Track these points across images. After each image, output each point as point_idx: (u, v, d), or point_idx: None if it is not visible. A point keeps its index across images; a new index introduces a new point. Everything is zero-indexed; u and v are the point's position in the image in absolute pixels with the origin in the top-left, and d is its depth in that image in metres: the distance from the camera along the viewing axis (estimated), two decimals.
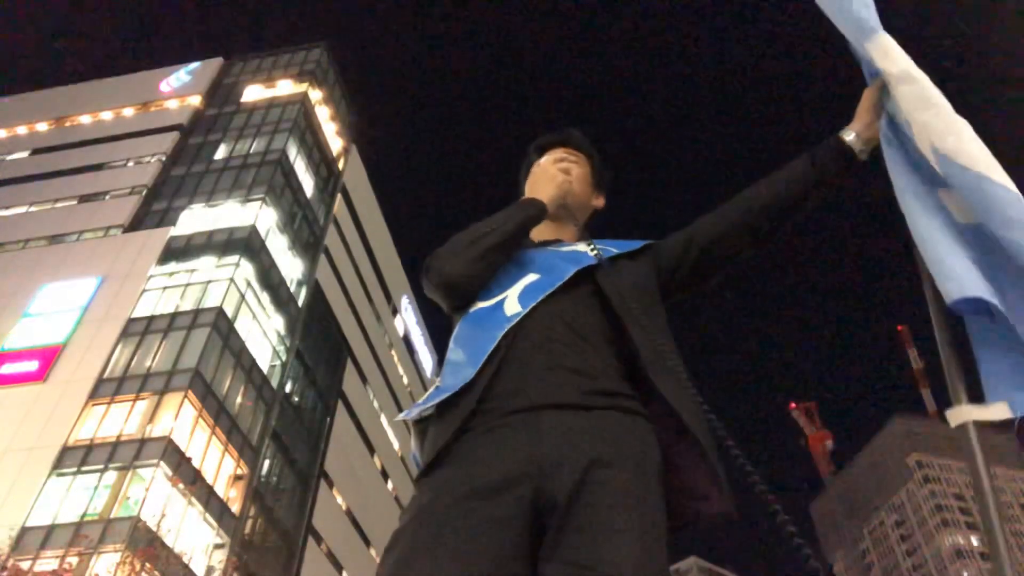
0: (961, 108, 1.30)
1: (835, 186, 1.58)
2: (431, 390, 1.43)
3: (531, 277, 1.53)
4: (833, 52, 1.66)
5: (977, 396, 1.21)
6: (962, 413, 1.17)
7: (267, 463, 28.68)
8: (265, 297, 31.22)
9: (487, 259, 1.53)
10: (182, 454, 23.20)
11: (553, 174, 1.71)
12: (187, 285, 28.59)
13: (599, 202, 1.84)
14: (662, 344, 1.41)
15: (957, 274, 1.20)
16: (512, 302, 1.48)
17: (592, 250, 1.57)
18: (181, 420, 23.84)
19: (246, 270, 29.85)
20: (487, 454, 1.27)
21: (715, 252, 1.61)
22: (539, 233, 1.72)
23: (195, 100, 39.60)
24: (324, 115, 42.03)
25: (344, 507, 34.38)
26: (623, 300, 1.47)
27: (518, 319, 1.43)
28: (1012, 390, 1.15)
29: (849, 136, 1.55)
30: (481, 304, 1.51)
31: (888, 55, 1.41)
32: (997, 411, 1.14)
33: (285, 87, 40.28)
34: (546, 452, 1.25)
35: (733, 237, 1.60)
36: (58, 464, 22.44)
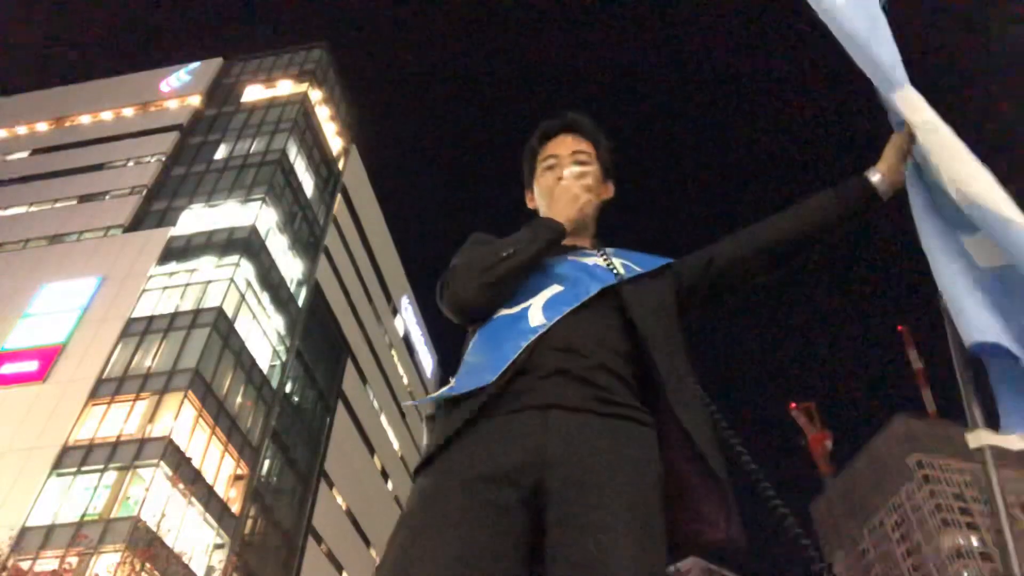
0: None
1: (856, 223, 1.63)
2: (443, 389, 1.43)
3: (555, 288, 1.54)
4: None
5: (993, 422, 1.30)
6: (980, 437, 1.26)
7: (267, 463, 28.69)
8: (265, 297, 31.22)
9: (502, 285, 1.51)
10: (182, 454, 23.21)
11: (576, 194, 1.66)
12: (187, 285, 28.60)
13: (609, 193, 1.82)
14: (684, 372, 1.45)
15: (976, 318, 1.29)
16: (536, 312, 1.49)
17: (610, 267, 1.58)
18: (181, 420, 23.85)
19: (246, 270, 29.86)
20: (493, 442, 1.29)
21: (733, 274, 1.66)
22: None
23: (195, 100, 39.60)
24: (324, 115, 42.04)
25: (344, 507, 34.38)
26: (647, 323, 1.49)
27: (542, 331, 1.44)
28: None
29: (875, 177, 1.59)
30: (504, 311, 1.52)
31: (915, 107, 1.49)
32: (1013, 441, 1.23)
33: (285, 87, 40.29)
34: (552, 448, 1.28)
35: (752, 262, 1.65)
36: (58, 464, 22.45)
